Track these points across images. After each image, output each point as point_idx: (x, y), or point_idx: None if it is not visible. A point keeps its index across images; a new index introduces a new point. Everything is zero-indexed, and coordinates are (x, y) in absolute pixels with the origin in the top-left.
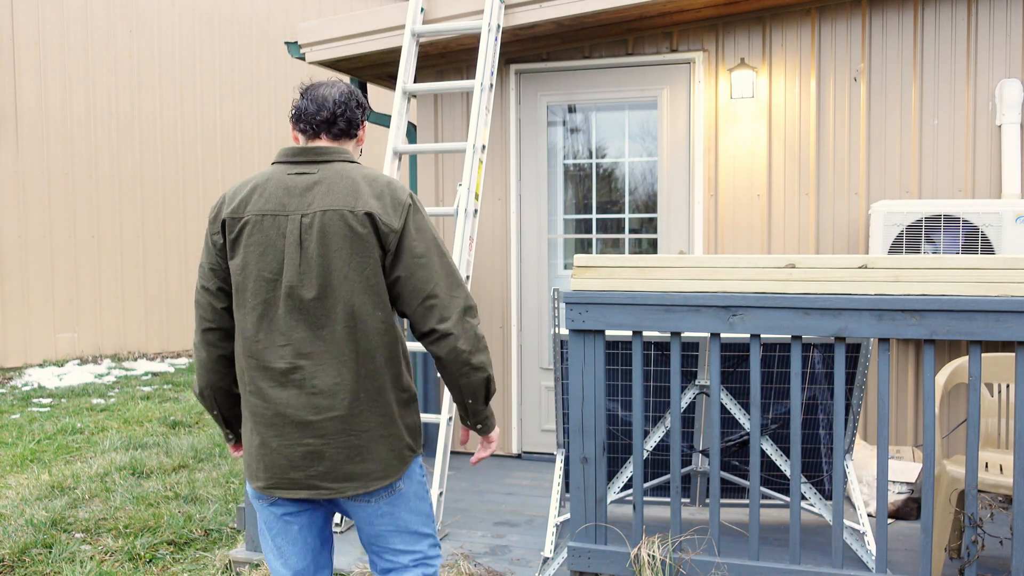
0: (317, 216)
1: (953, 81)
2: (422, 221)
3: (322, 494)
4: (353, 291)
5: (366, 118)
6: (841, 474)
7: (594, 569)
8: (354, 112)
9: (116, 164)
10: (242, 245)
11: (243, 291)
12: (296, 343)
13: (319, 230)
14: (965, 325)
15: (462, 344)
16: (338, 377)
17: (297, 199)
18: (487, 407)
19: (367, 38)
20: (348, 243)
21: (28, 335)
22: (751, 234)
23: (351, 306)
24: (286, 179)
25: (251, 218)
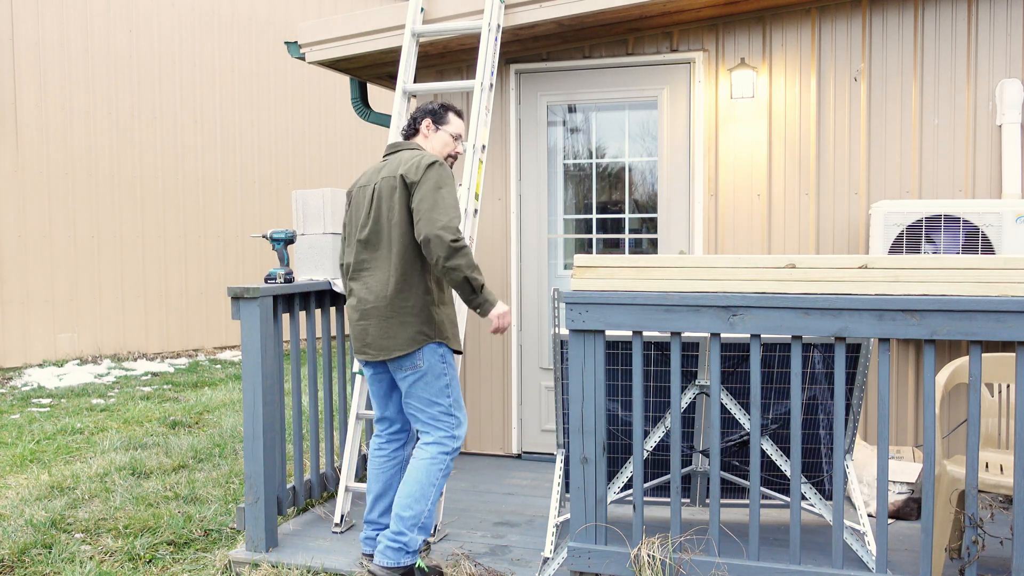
0: (378, 183)
1: (953, 81)
2: (433, 174)
3: (370, 357)
4: (392, 225)
5: (432, 119)
6: (841, 474)
7: (594, 569)
8: (416, 118)
9: (116, 164)
10: (351, 206)
11: (347, 233)
12: (360, 260)
13: (377, 191)
14: (965, 325)
15: (436, 250)
16: (382, 280)
17: (375, 175)
18: (478, 297)
19: (367, 38)
20: (389, 195)
21: (28, 335)
22: (751, 234)
23: (391, 235)
24: (376, 164)
25: (355, 190)
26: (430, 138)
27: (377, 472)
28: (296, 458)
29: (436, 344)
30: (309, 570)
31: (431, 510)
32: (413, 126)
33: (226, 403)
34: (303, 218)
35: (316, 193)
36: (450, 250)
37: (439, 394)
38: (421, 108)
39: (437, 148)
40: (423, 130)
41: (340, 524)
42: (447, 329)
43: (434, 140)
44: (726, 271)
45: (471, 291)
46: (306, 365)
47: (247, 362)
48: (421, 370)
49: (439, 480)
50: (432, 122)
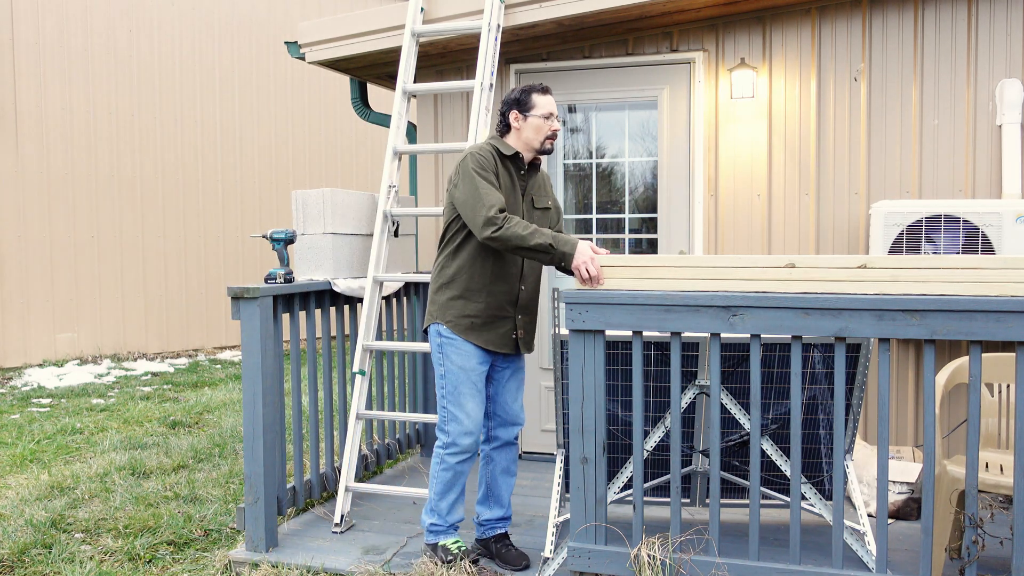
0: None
1: (953, 81)
2: (464, 166)
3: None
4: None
5: (519, 109)
6: (841, 474)
7: (594, 569)
8: (504, 113)
9: (116, 164)
10: None
11: None
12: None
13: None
14: (965, 325)
15: (496, 245)
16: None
17: None
18: (551, 252)
19: (367, 38)
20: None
21: (28, 335)
22: (751, 234)
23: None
24: None
25: None
26: (522, 129)
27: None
28: (296, 458)
29: (436, 324)
30: (309, 570)
31: (435, 500)
32: (504, 122)
33: (226, 403)
34: (303, 218)
35: (316, 193)
36: (504, 241)
37: (439, 382)
38: (505, 100)
39: (531, 136)
40: (513, 123)
41: (340, 524)
42: (447, 312)
43: (526, 129)
44: (726, 271)
45: (538, 253)
46: (306, 365)
47: (247, 362)
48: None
49: (438, 473)
50: (519, 112)
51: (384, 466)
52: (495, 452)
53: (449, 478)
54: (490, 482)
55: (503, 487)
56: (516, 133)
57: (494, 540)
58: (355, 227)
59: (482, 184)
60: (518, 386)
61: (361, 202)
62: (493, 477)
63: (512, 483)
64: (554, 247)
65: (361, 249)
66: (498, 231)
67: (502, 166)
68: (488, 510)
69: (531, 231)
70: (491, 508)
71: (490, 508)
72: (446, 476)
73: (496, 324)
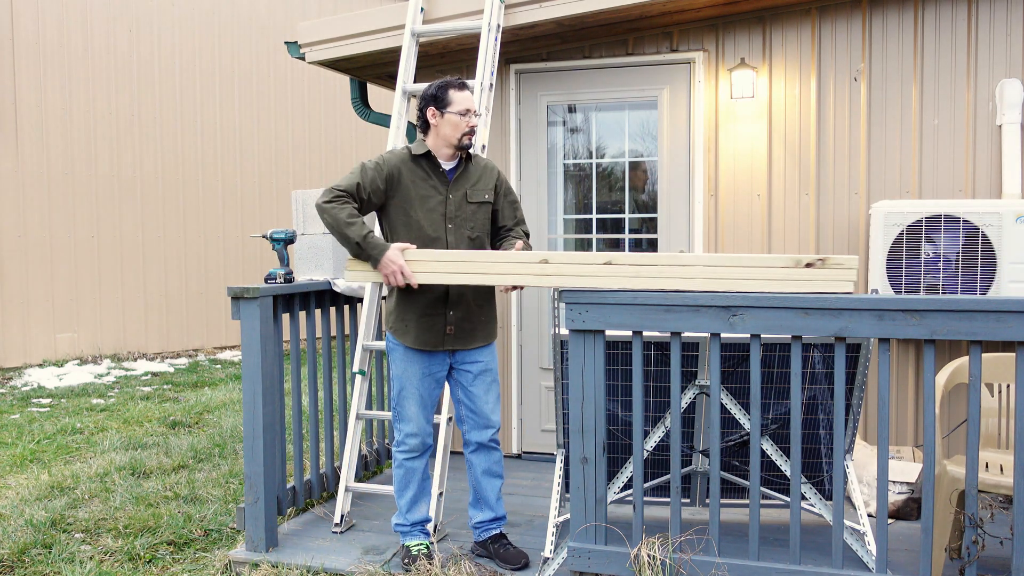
0: None
1: (953, 81)
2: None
3: None
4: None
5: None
6: (841, 474)
7: (594, 569)
8: (422, 110)
9: (116, 164)
10: None
11: None
12: None
13: None
14: (965, 325)
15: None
16: None
17: None
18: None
19: (367, 38)
20: None
21: (28, 335)
22: (751, 234)
23: None
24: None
25: None
26: (440, 126)
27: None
28: (296, 458)
29: (388, 331)
30: (309, 570)
31: (397, 499)
32: (423, 118)
33: (226, 403)
34: (303, 218)
35: (316, 193)
36: (320, 209)
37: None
38: (422, 96)
39: (449, 133)
40: (430, 120)
41: (340, 524)
42: (390, 318)
43: (444, 126)
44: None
45: (350, 244)
46: (306, 365)
47: (247, 362)
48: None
49: (394, 471)
50: (436, 109)
51: (384, 466)
52: (473, 456)
53: (402, 475)
54: (475, 485)
55: (487, 489)
56: (434, 130)
57: (491, 541)
58: None
59: (358, 170)
60: (487, 387)
61: None
62: (477, 480)
63: (497, 484)
64: (361, 246)
65: None
66: (328, 203)
67: (414, 166)
68: (479, 512)
69: (352, 221)
70: (481, 511)
71: (480, 511)
72: (399, 473)
73: (429, 322)
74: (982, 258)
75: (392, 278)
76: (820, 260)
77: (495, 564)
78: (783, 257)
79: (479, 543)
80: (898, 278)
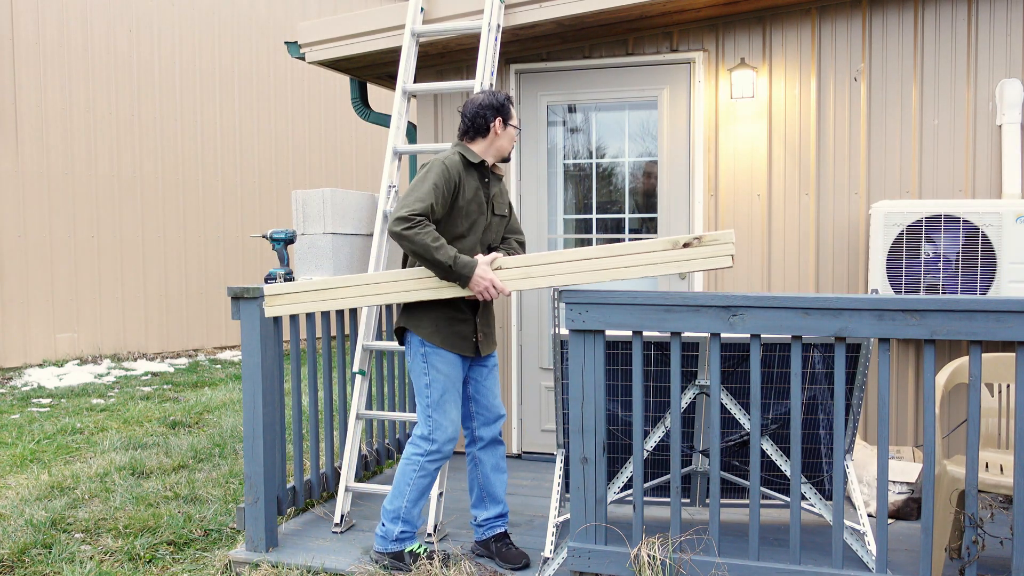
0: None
1: (953, 81)
2: (432, 167)
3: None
4: None
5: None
6: (841, 474)
7: (594, 569)
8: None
9: (116, 164)
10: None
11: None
12: None
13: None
14: (965, 325)
15: (400, 242)
16: None
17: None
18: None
19: (367, 38)
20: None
21: (28, 335)
22: (751, 234)
23: None
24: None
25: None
26: (501, 137)
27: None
28: (296, 458)
29: (413, 334)
30: (309, 570)
31: (408, 508)
32: (479, 127)
33: (226, 403)
34: (303, 218)
35: (316, 193)
36: (398, 235)
37: (423, 391)
38: (487, 105)
39: (506, 145)
40: (495, 129)
41: (340, 524)
42: (423, 322)
43: (503, 139)
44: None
45: (436, 267)
46: (306, 365)
47: (247, 362)
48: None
49: (415, 480)
50: (503, 120)
51: (384, 466)
52: (482, 452)
53: (425, 484)
54: (483, 483)
55: (496, 484)
56: (492, 140)
57: (494, 540)
58: (355, 227)
59: (429, 189)
60: (495, 382)
61: (361, 202)
62: (485, 476)
63: (504, 479)
64: (453, 268)
65: (361, 249)
66: (409, 230)
67: (467, 175)
68: (485, 510)
69: (438, 244)
70: (488, 507)
71: (487, 508)
72: (423, 483)
73: (463, 329)
74: (982, 258)
75: (485, 294)
76: (696, 239)
77: (495, 564)
78: (662, 240)
79: (481, 542)
80: (898, 278)
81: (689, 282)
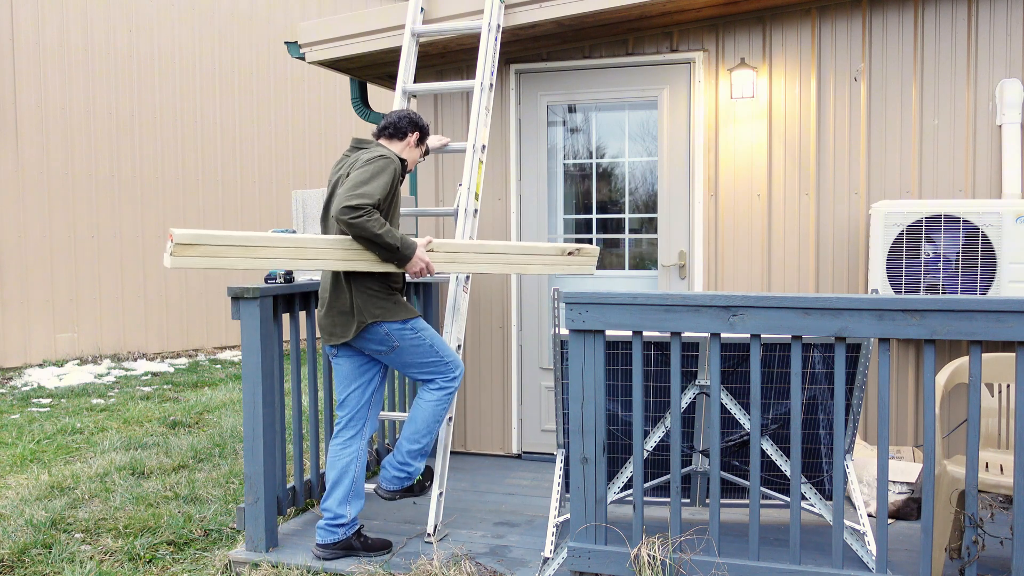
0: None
1: (953, 81)
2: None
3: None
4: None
5: (422, 135)
6: (841, 474)
7: (594, 569)
8: (406, 129)
9: (116, 164)
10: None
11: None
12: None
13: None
14: (965, 325)
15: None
16: None
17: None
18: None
19: (367, 38)
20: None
21: (28, 335)
22: (751, 234)
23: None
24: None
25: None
26: (411, 150)
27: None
28: (296, 458)
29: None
30: (309, 570)
31: (431, 442)
32: (400, 131)
33: (226, 403)
34: (303, 218)
35: (316, 193)
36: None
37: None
38: (411, 119)
39: (416, 158)
40: (410, 141)
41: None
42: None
43: (410, 154)
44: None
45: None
46: (306, 365)
47: (247, 362)
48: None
49: (441, 415)
50: (421, 136)
51: None
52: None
53: (451, 402)
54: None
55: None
56: (403, 147)
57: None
58: None
59: (382, 183)
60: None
61: None
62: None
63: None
64: (400, 249)
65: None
66: (359, 218)
67: (400, 173)
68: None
69: (385, 229)
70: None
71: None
72: (448, 400)
73: (404, 301)
74: (982, 258)
75: (420, 273)
76: (577, 249)
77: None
78: (554, 246)
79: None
80: (898, 278)
81: (689, 282)
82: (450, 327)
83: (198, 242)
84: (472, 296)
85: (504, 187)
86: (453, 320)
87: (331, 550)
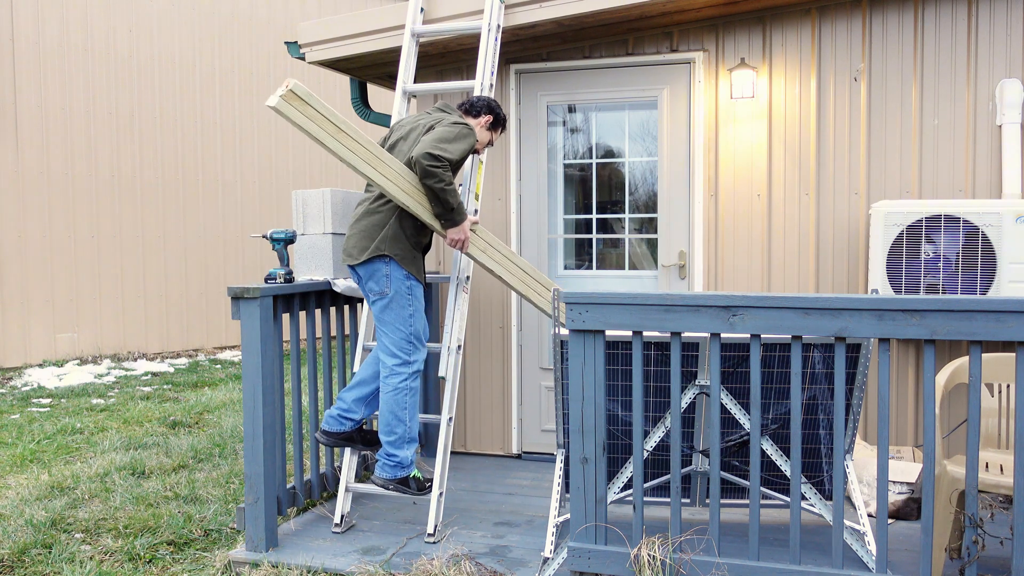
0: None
1: (953, 81)
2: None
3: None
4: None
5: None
6: (841, 474)
7: (594, 569)
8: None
9: (116, 164)
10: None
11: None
12: None
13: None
14: (965, 325)
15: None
16: None
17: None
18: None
19: (367, 38)
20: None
21: (28, 335)
22: (751, 234)
23: None
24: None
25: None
26: (481, 131)
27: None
28: (296, 458)
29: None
30: (309, 570)
31: (411, 427)
32: (475, 109)
33: (226, 403)
34: (303, 218)
35: (316, 193)
36: (429, 169)
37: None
38: (487, 102)
39: (479, 137)
40: (482, 120)
41: (340, 524)
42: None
43: (480, 134)
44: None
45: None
46: (306, 365)
47: (247, 362)
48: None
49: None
50: (494, 122)
51: None
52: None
53: (417, 400)
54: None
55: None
56: (479, 128)
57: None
58: None
59: (462, 148)
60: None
61: None
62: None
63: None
64: (456, 210)
65: None
66: (437, 167)
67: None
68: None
69: (452, 188)
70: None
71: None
72: (415, 400)
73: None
74: (982, 258)
75: (457, 242)
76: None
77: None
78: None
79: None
80: (898, 278)
81: (689, 282)
82: (450, 327)
83: (307, 100)
84: (472, 296)
85: (504, 187)
86: (453, 320)
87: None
